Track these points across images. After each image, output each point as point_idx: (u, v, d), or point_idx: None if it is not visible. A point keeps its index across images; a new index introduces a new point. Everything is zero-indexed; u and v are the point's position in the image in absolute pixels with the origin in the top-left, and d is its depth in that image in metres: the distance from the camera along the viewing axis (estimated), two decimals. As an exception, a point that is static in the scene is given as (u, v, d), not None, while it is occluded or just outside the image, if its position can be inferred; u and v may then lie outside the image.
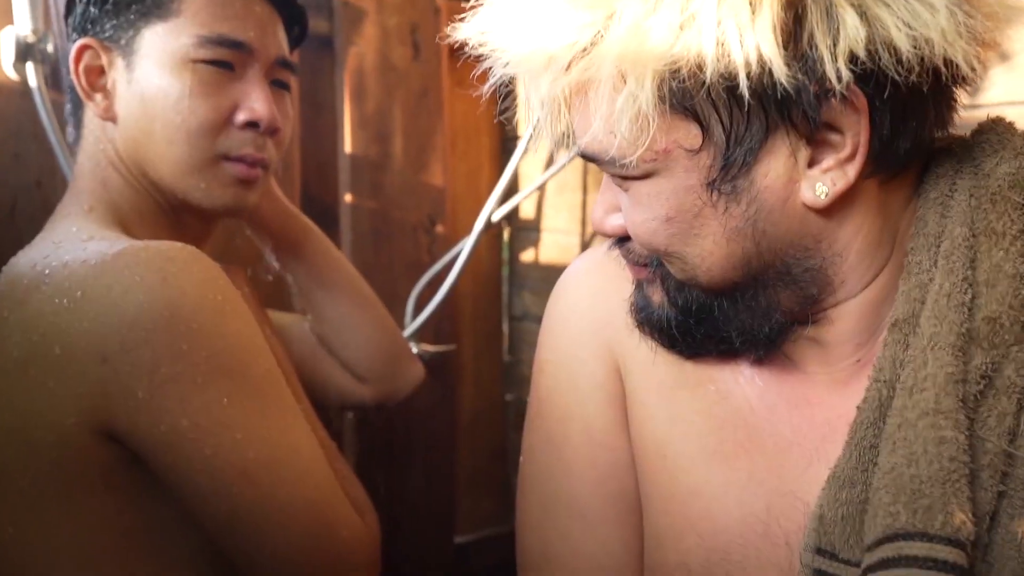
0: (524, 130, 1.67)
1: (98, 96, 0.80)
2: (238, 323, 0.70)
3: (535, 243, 1.67)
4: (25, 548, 0.68)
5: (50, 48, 1.04)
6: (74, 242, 0.72)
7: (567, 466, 0.76)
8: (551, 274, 1.64)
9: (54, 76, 1.08)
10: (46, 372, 0.66)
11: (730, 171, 0.57)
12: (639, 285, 0.69)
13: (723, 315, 0.64)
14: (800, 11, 0.52)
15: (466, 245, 1.46)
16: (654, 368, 0.72)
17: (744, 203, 0.58)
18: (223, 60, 0.79)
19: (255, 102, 0.80)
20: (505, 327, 1.77)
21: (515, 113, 1.57)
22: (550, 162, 1.62)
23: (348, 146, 1.46)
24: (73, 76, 0.80)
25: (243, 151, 0.81)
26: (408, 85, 1.50)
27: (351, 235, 1.47)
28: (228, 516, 0.68)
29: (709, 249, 0.61)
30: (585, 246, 1.56)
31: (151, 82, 0.78)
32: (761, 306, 0.64)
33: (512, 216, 1.70)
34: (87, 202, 0.79)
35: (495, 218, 1.50)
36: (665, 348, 0.70)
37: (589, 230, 1.55)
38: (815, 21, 0.52)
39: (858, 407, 0.62)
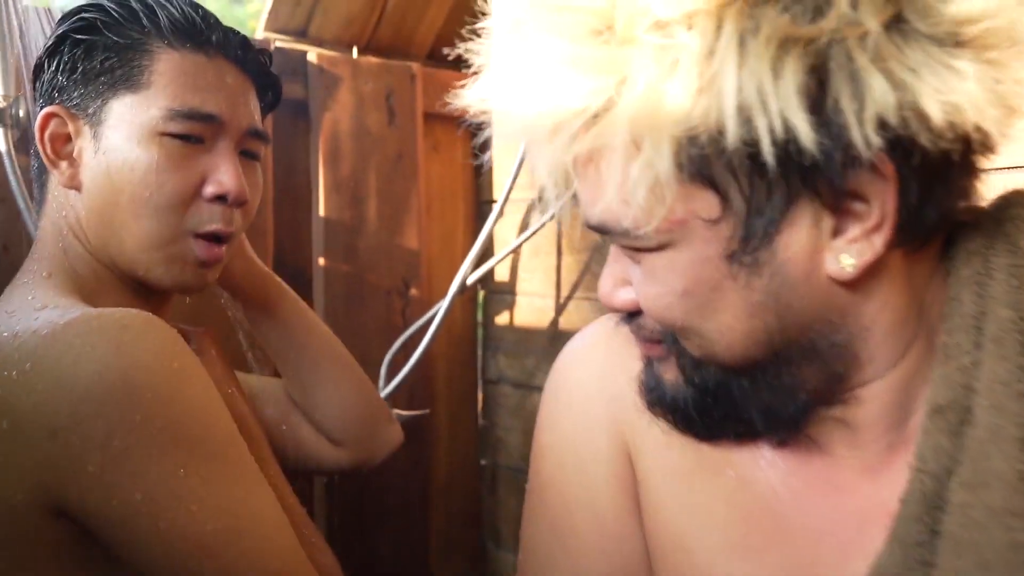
0: (499, 194, 1.68)
1: (63, 164, 0.79)
2: (195, 390, 0.68)
3: (510, 306, 1.67)
4: None
5: (21, 113, 1.04)
6: (27, 311, 0.70)
7: (574, 560, 0.71)
8: (526, 337, 1.64)
9: (24, 141, 1.08)
10: None
11: (751, 242, 0.54)
12: (649, 363, 0.65)
13: (743, 394, 0.60)
14: (824, 76, 0.49)
15: (440, 308, 1.45)
16: (668, 451, 0.67)
17: (766, 276, 0.55)
18: (192, 133, 0.78)
19: (223, 175, 0.79)
20: (479, 391, 1.76)
21: (491, 176, 1.58)
22: (524, 225, 1.63)
23: (322, 210, 1.46)
24: (38, 143, 0.79)
25: (211, 227, 0.80)
26: (383, 149, 1.52)
27: (324, 298, 1.46)
28: None
29: (729, 324, 0.57)
30: (560, 309, 1.56)
31: (118, 154, 0.77)
32: (784, 385, 0.59)
33: (487, 279, 1.70)
34: (46, 268, 0.78)
35: (470, 281, 1.51)
36: (679, 430, 0.65)
37: (564, 293, 1.55)
38: (840, 86, 0.49)
39: (901, 500, 0.57)
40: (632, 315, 0.63)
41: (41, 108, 0.80)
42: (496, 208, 1.50)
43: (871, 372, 0.60)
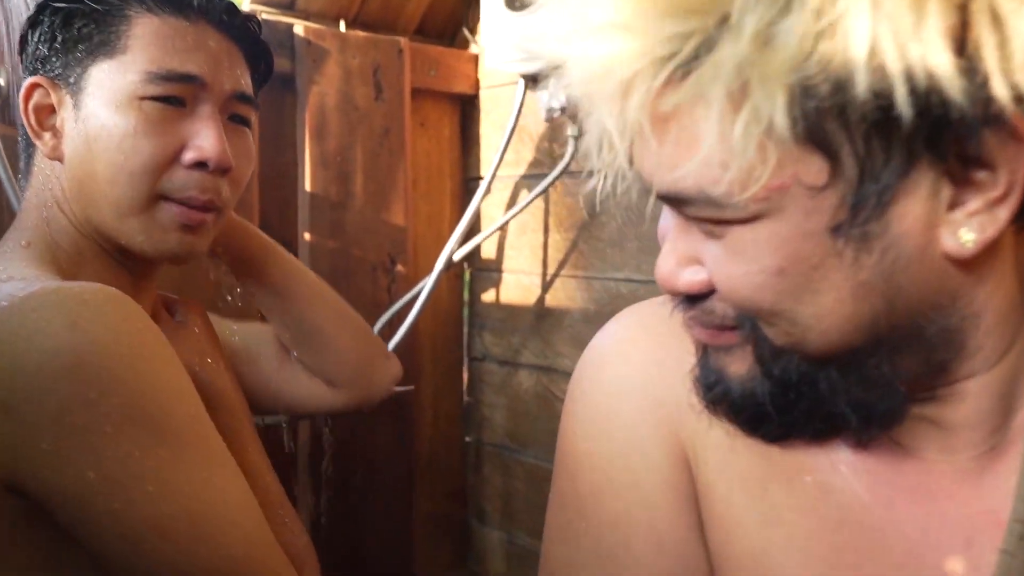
0: (486, 171, 1.68)
1: (47, 135, 0.78)
2: (156, 369, 0.66)
3: (496, 283, 1.67)
4: None
5: (2, 82, 1.03)
6: None
7: None
8: (512, 315, 1.64)
9: (5, 111, 1.06)
10: None
11: (861, 213, 0.46)
12: (705, 355, 0.57)
13: (831, 387, 0.52)
14: (967, 18, 0.42)
15: (426, 285, 1.45)
16: (734, 457, 0.59)
17: (876, 252, 0.47)
18: (173, 96, 0.76)
19: (204, 140, 0.77)
20: (465, 368, 1.76)
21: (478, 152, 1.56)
22: (512, 203, 1.62)
23: (308, 184, 1.45)
24: (22, 114, 0.78)
25: (188, 192, 0.77)
26: (370, 124, 1.50)
27: (310, 274, 1.46)
28: (141, 574, 0.64)
29: (829, 307, 0.49)
30: (546, 287, 1.56)
31: (96, 121, 0.75)
32: (882, 376, 0.52)
33: (473, 256, 1.70)
34: (26, 238, 0.77)
35: (456, 258, 1.50)
36: (747, 431, 0.57)
37: (551, 270, 1.55)
38: (982, 31, 0.42)
39: (1013, 511, 0.51)
40: (695, 299, 0.54)
41: (25, 79, 0.78)
42: (483, 185, 1.50)
43: (976, 365, 0.53)
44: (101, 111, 0.75)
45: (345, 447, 1.52)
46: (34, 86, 0.78)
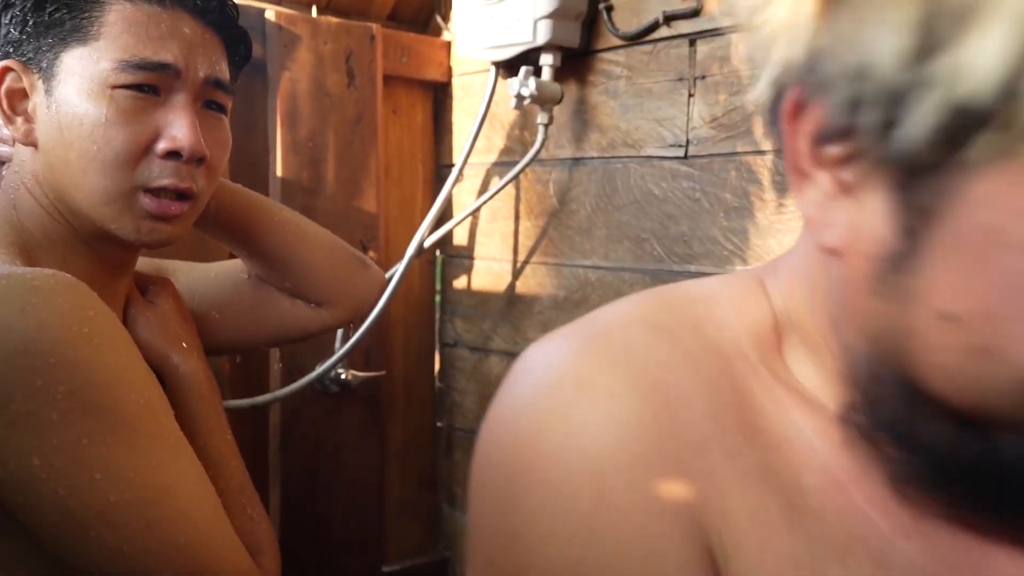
0: (458, 158, 1.69)
1: (19, 120, 0.77)
2: (107, 356, 0.65)
3: (467, 270, 1.68)
4: None
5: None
6: None
7: None
8: (483, 301, 1.65)
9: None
10: None
11: None
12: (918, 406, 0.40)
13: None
14: None
15: (397, 271, 1.46)
16: (782, 529, 0.41)
17: None
18: (146, 84, 0.76)
19: (177, 130, 0.76)
20: (436, 354, 1.77)
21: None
22: (483, 189, 1.63)
23: (279, 170, 1.45)
24: None
25: (162, 182, 0.77)
26: (342, 111, 1.51)
27: (281, 259, 1.46)
28: (86, 561, 0.64)
29: None
30: (517, 274, 1.57)
31: (68, 108, 0.75)
32: None
33: (445, 243, 1.71)
34: (7, 233, 0.77)
35: (427, 244, 1.51)
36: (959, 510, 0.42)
37: (521, 257, 1.56)
38: None
39: None
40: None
41: None
42: (454, 172, 1.51)
43: None
44: (73, 99, 0.75)
45: (316, 432, 1.53)
46: (6, 70, 0.77)
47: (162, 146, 0.76)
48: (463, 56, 1.62)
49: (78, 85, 0.75)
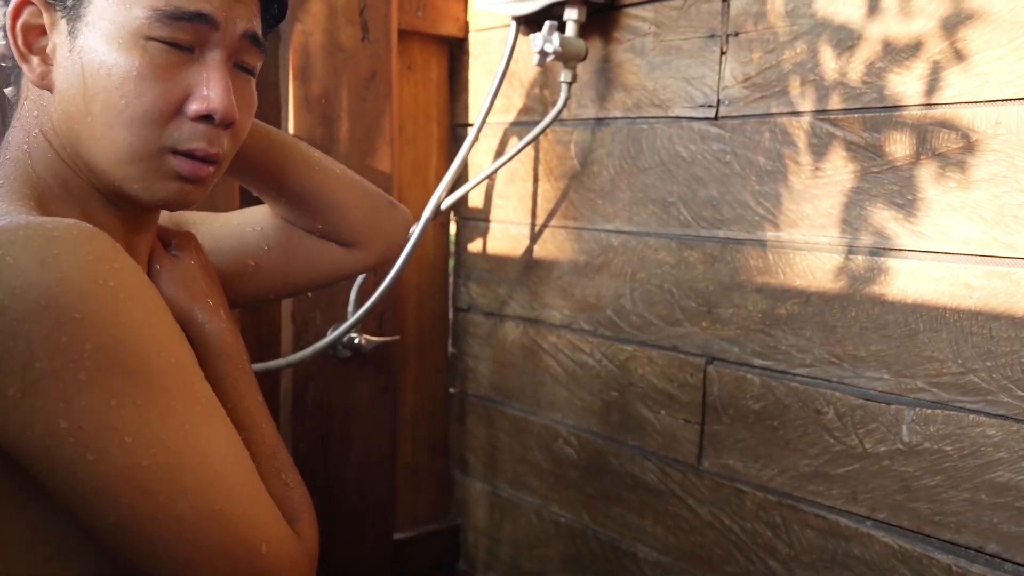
0: (474, 117, 1.63)
1: (35, 59, 0.71)
2: (135, 312, 0.61)
3: (483, 233, 1.64)
4: None
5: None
6: None
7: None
8: (498, 265, 1.61)
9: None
10: None
11: None
12: None
13: None
14: None
15: (413, 233, 1.42)
16: None
17: None
18: (181, 41, 0.70)
19: (212, 91, 0.71)
20: (450, 318, 1.73)
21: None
22: (500, 150, 1.58)
23: (291, 128, 1.40)
24: (8, 33, 0.71)
25: (193, 145, 0.71)
26: (356, 67, 1.45)
27: (293, 220, 1.41)
28: (117, 529, 0.61)
29: None
30: (535, 237, 1.53)
31: (95, 55, 0.69)
32: None
33: (459, 205, 1.66)
34: (7, 172, 0.72)
35: (444, 207, 1.47)
36: None
37: (539, 221, 1.52)
38: None
39: None
40: None
41: None
42: (472, 132, 1.46)
43: None
44: (101, 46, 0.69)
45: (327, 397, 1.49)
46: (24, 3, 0.70)
47: (195, 107, 0.71)
48: (481, 10, 1.56)
49: (108, 32, 0.69)
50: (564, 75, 1.37)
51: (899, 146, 1.05)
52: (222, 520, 0.63)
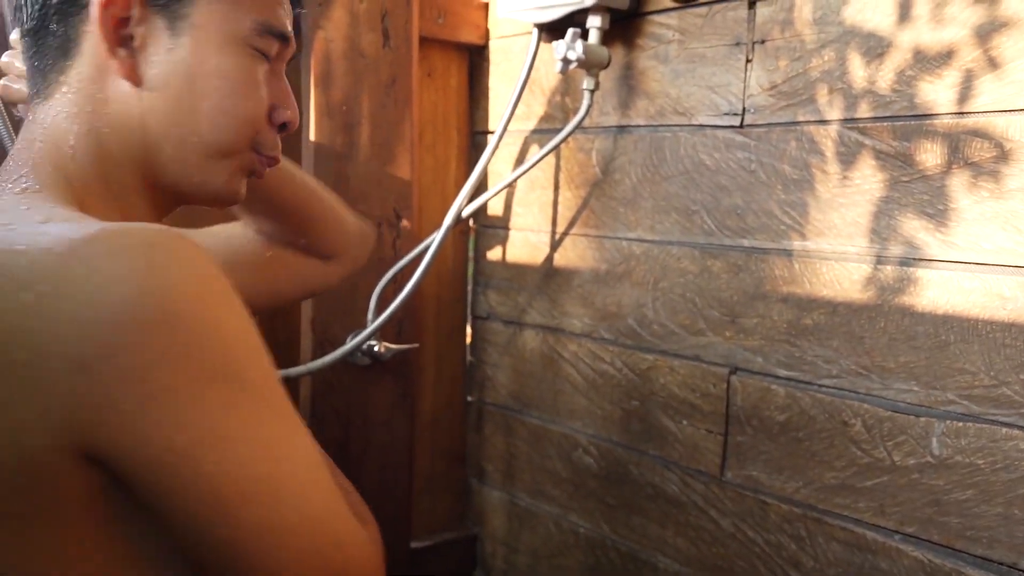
0: (494, 124, 1.63)
1: (123, 52, 0.69)
2: (233, 319, 0.61)
3: (502, 241, 1.63)
4: None
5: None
6: (28, 224, 0.62)
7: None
8: (518, 274, 1.60)
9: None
10: (9, 385, 0.55)
11: None
12: None
13: None
14: None
15: (434, 241, 1.41)
16: None
17: None
18: (269, 52, 0.74)
19: (291, 104, 0.77)
20: (468, 327, 1.72)
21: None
22: (520, 157, 1.58)
23: (313, 134, 1.40)
24: (99, 23, 0.68)
25: (273, 152, 0.77)
26: (377, 73, 1.45)
27: (313, 227, 1.41)
28: (224, 542, 0.59)
29: None
30: (555, 245, 1.52)
31: (208, 57, 0.70)
32: None
33: (479, 213, 1.65)
34: (42, 172, 0.69)
35: (465, 214, 1.46)
36: None
37: (560, 229, 1.51)
38: None
39: None
40: None
41: None
42: (494, 139, 1.45)
43: None
44: (212, 47, 0.71)
45: (346, 405, 1.48)
46: None
47: (282, 116, 0.76)
48: (503, 18, 1.56)
49: (218, 37, 0.71)
50: (587, 82, 1.36)
51: (930, 155, 1.04)
52: (318, 526, 0.62)
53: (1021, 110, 0.96)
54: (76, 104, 0.70)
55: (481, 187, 1.59)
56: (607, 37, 1.35)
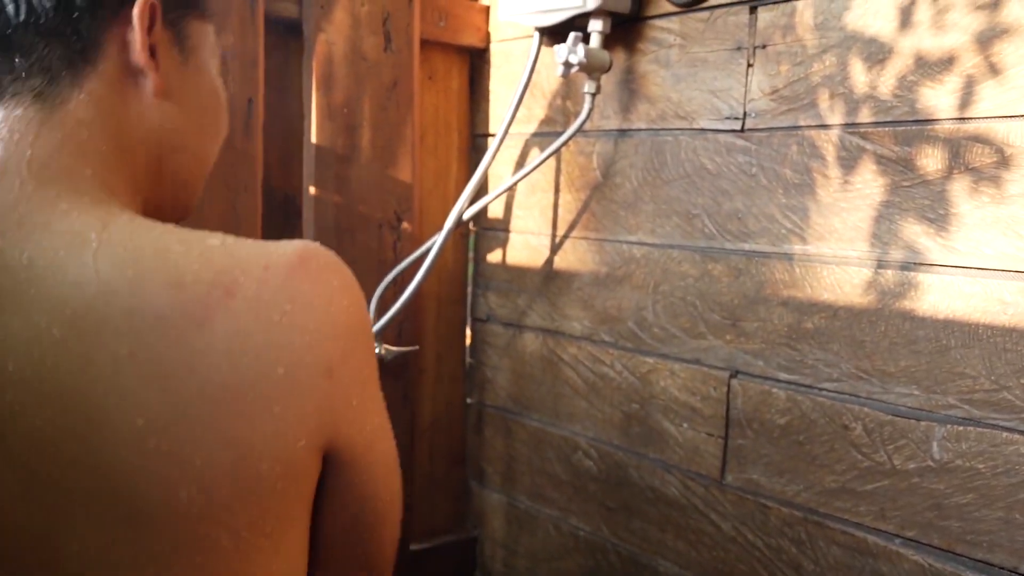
0: (495, 127, 1.63)
1: (152, 61, 0.68)
2: None
3: (502, 244, 1.63)
4: None
5: None
6: (198, 241, 0.61)
7: None
8: (518, 276, 1.60)
9: None
10: (267, 396, 0.58)
11: None
12: None
13: None
14: None
15: (435, 244, 1.41)
16: None
17: None
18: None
19: None
20: (468, 329, 1.72)
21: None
22: (520, 160, 1.58)
23: (314, 137, 1.40)
24: (139, 35, 0.66)
25: None
26: (378, 76, 1.45)
27: (315, 229, 1.41)
28: (380, 510, 0.70)
29: None
30: (555, 248, 1.52)
31: (207, 76, 0.73)
32: None
33: (479, 215, 1.66)
34: (112, 186, 0.66)
35: (466, 217, 1.46)
36: None
37: (560, 232, 1.51)
38: None
39: None
40: None
41: None
42: (495, 142, 1.45)
43: None
44: (207, 67, 0.74)
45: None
46: (153, 8, 0.67)
47: None
48: (504, 21, 1.56)
49: (208, 55, 0.74)
50: (588, 86, 1.36)
51: (931, 160, 1.04)
52: (399, 492, 0.73)
53: (1022, 116, 0.97)
54: (100, 111, 0.66)
55: (482, 190, 1.59)
56: (608, 41, 1.36)
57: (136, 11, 0.66)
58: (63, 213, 0.60)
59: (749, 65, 1.22)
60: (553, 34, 1.43)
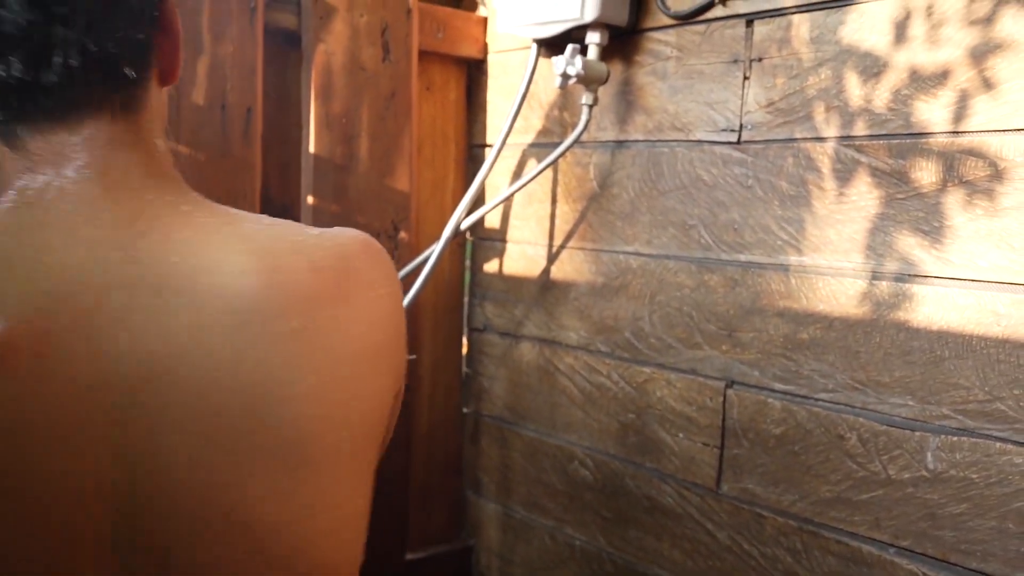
0: (492, 138, 1.64)
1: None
2: None
3: (499, 253, 1.64)
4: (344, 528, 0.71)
5: None
6: (291, 232, 0.68)
7: None
8: (515, 286, 1.61)
9: None
10: (377, 358, 0.69)
11: None
12: None
13: None
14: None
15: (432, 254, 1.42)
16: None
17: None
18: None
19: None
20: (464, 339, 1.73)
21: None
22: (517, 171, 1.59)
23: (313, 146, 1.40)
24: (174, 32, 0.66)
25: None
26: (376, 86, 1.46)
27: (312, 239, 1.42)
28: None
29: None
30: (552, 259, 1.53)
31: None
32: None
33: (476, 225, 1.66)
34: (176, 179, 0.68)
35: (463, 227, 1.47)
36: None
37: (557, 242, 1.52)
38: None
39: None
40: None
41: None
42: (493, 153, 1.46)
43: None
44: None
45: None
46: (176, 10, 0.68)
47: None
48: (502, 33, 1.57)
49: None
50: (585, 98, 1.37)
51: (925, 173, 1.05)
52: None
53: (1015, 130, 0.98)
54: (156, 115, 0.68)
55: (479, 200, 1.60)
56: (606, 53, 1.37)
57: (170, 21, 0.67)
58: (186, 215, 0.64)
59: (745, 78, 1.23)
60: (551, 46, 1.44)
